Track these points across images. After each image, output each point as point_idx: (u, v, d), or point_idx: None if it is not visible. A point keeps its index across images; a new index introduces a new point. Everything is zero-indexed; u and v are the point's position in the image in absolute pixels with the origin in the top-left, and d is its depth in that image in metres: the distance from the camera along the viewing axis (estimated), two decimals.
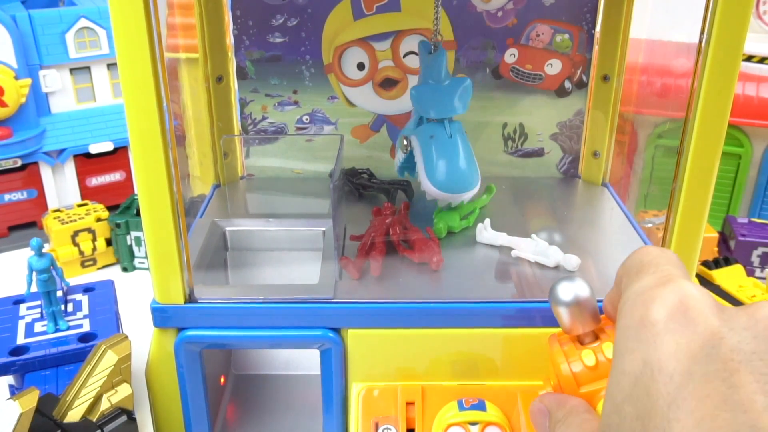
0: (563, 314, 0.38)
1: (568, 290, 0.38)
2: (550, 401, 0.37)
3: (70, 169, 0.97)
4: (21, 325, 0.65)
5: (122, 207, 0.90)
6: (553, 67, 0.67)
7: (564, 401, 0.36)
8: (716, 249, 0.83)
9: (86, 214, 0.88)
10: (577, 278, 0.38)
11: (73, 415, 0.50)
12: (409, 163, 0.60)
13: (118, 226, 0.87)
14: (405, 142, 0.59)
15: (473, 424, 0.47)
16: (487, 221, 0.58)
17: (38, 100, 0.93)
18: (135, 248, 0.88)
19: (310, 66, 0.66)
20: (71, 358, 0.62)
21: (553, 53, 0.66)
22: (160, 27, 0.42)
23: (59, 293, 0.65)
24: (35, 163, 0.95)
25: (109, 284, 0.71)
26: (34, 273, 0.64)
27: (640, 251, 0.33)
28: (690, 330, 0.27)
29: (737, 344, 0.26)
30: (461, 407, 0.47)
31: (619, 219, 0.63)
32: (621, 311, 0.30)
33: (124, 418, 0.52)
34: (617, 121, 0.68)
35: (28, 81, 0.89)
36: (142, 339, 0.54)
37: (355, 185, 0.66)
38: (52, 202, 0.97)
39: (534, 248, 0.55)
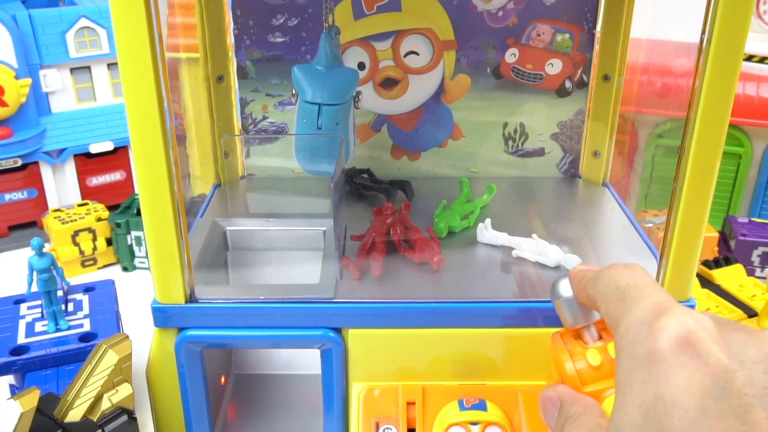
0: (565, 309, 0.39)
1: (569, 285, 0.39)
2: (564, 393, 0.37)
3: (70, 168, 0.97)
4: (21, 325, 0.65)
5: (122, 207, 0.90)
6: (554, 66, 0.67)
7: (580, 398, 0.36)
8: (716, 248, 0.83)
9: (86, 214, 0.88)
10: None
11: (74, 415, 0.50)
12: None
13: (118, 225, 0.87)
14: (294, 99, 0.59)
15: (474, 423, 0.47)
16: (488, 221, 0.58)
17: (38, 99, 0.92)
18: (135, 248, 0.88)
19: None
20: (72, 358, 0.62)
21: (554, 53, 0.66)
22: (160, 26, 0.42)
23: (60, 293, 0.65)
24: (35, 163, 0.95)
25: (110, 284, 0.71)
26: (34, 273, 0.64)
27: (610, 274, 0.34)
28: (701, 363, 0.27)
29: (749, 379, 0.26)
30: (462, 407, 0.47)
31: (620, 219, 0.63)
32: (621, 341, 0.30)
33: (124, 417, 0.51)
34: (618, 120, 0.68)
35: (29, 81, 0.89)
36: (143, 339, 0.54)
37: (356, 185, 0.66)
38: (52, 202, 0.97)
39: (534, 248, 0.55)
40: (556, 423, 0.36)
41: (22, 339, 0.63)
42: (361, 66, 0.66)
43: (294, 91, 0.58)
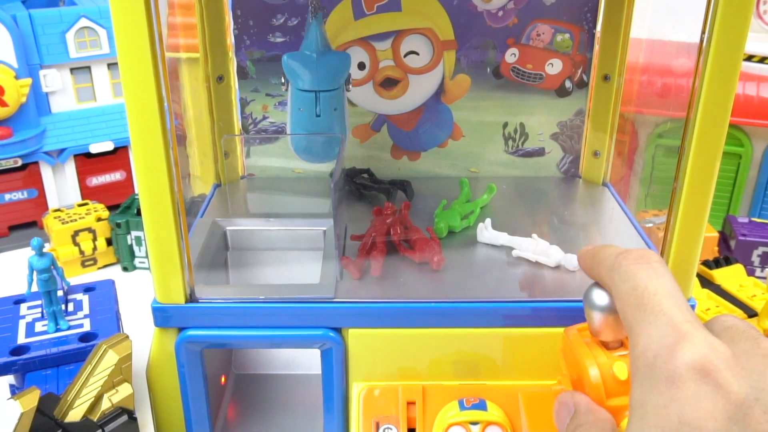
0: (596, 318, 0.38)
1: (604, 294, 0.38)
2: (580, 402, 0.37)
3: (70, 168, 0.97)
4: (22, 325, 0.65)
5: (123, 207, 0.90)
6: (554, 66, 0.67)
7: (595, 409, 0.36)
8: (716, 248, 0.83)
9: (86, 214, 0.88)
10: None
11: (74, 415, 0.50)
12: None
13: (118, 225, 0.87)
14: (282, 87, 0.58)
15: (474, 423, 0.47)
16: (488, 221, 0.58)
17: (38, 99, 0.92)
18: (135, 248, 0.88)
19: None
20: (72, 358, 0.62)
21: (554, 53, 0.66)
22: (161, 26, 0.42)
23: (60, 293, 0.65)
24: (35, 163, 0.94)
25: (110, 284, 0.71)
26: (34, 273, 0.64)
27: (627, 269, 0.34)
28: (724, 390, 0.28)
29: None
30: (462, 407, 0.47)
31: (620, 219, 0.63)
32: (638, 361, 0.31)
33: (124, 417, 0.51)
34: (618, 120, 0.68)
35: (29, 81, 0.89)
36: (143, 339, 0.54)
37: (356, 185, 0.66)
38: (52, 202, 0.97)
39: (535, 248, 0.55)
40: (567, 429, 0.36)
41: (22, 339, 0.63)
42: (361, 66, 0.66)
43: (284, 80, 0.58)
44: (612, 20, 0.64)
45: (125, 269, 0.89)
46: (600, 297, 0.38)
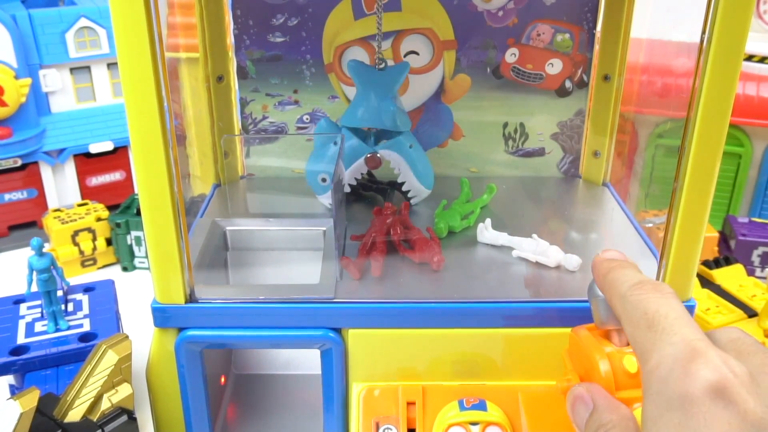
0: (601, 308, 0.39)
1: None
2: (599, 396, 0.36)
3: (70, 168, 0.97)
4: (21, 325, 0.65)
5: (122, 206, 0.90)
6: (554, 66, 0.67)
7: (616, 406, 0.35)
8: (716, 248, 0.83)
9: (86, 214, 0.88)
10: None
11: (74, 415, 0.50)
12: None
13: (118, 225, 0.87)
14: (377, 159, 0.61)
15: (474, 424, 0.47)
16: (488, 221, 0.58)
17: (38, 99, 0.92)
18: (135, 248, 0.88)
19: (311, 65, 0.66)
20: (72, 358, 0.62)
21: (554, 53, 0.66)
22: (160, 26, 0.42)
23: (59, 293, 0.65)
24: (35, 163, 0.95)
25: (110, 284, 0.71)
26: (34, 272, 0.64)
27: (638, 297, 0.33)
28: (737, 411, 0.27)
29: None
30: (462, 407, 0.47)
31: (620, 219, 0.63)
32: (651, 377, 0.30)
33: (124, 417, 0.51)
34: (618, 120, 0.68)
35: (28, 80, 0.89)
36: (143, 339, 0.54)
37: (356, 185, 0.66)
38: (52, 202, 0.97)
39: (535, 248, 0.55)
40: (585, 426, 0.36)
41: (21, 339, 0.63)
42: None
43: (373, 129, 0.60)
44: (612, 20, 0.64)
45: (125, 269, 0.89)
46: None
